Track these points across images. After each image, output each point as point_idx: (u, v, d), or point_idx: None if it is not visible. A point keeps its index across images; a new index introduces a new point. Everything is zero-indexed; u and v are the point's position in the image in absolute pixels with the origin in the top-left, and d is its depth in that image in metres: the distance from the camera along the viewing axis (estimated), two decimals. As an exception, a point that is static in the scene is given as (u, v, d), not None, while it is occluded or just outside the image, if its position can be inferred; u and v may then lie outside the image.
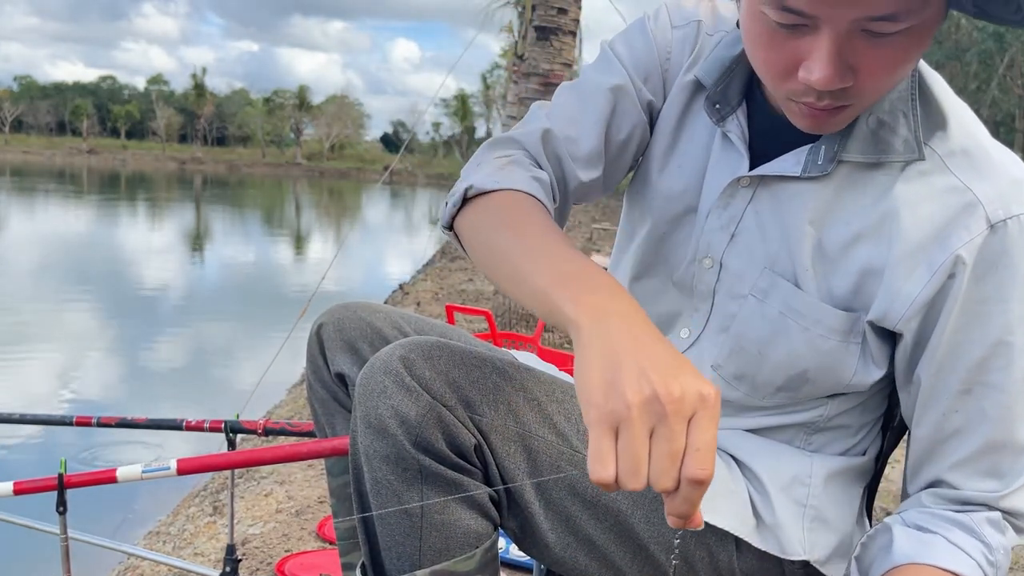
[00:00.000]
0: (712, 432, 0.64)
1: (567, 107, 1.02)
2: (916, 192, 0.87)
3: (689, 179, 1.00)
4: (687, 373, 0.65)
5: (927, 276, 0.86)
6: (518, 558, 2.32)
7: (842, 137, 0.89)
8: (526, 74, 5.87)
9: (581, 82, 1.04)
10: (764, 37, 0.80)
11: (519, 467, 0.90)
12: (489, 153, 1.01)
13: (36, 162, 74.36)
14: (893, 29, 0.74)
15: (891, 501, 2.78)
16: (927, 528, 0.88)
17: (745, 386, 0.98)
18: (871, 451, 1.04)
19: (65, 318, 9.00)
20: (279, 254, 17.04)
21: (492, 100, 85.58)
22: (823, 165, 0.89)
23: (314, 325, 1.18)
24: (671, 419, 0.62)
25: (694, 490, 0.63)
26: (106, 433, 4.89)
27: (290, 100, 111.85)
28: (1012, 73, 27.30)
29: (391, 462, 0.85)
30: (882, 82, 0.80)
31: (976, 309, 0.85)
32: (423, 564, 0.87)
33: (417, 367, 0.85)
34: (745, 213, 0.95)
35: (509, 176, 0.93)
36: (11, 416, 1.93)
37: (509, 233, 0.84)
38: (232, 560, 1.88)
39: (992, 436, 0.87)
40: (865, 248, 0.89)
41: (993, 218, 0.84)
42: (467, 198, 0.93)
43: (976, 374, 0.86)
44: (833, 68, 0.76)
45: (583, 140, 1.00)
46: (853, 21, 0.74)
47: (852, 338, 0.91)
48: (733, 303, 0.96)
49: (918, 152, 0.87)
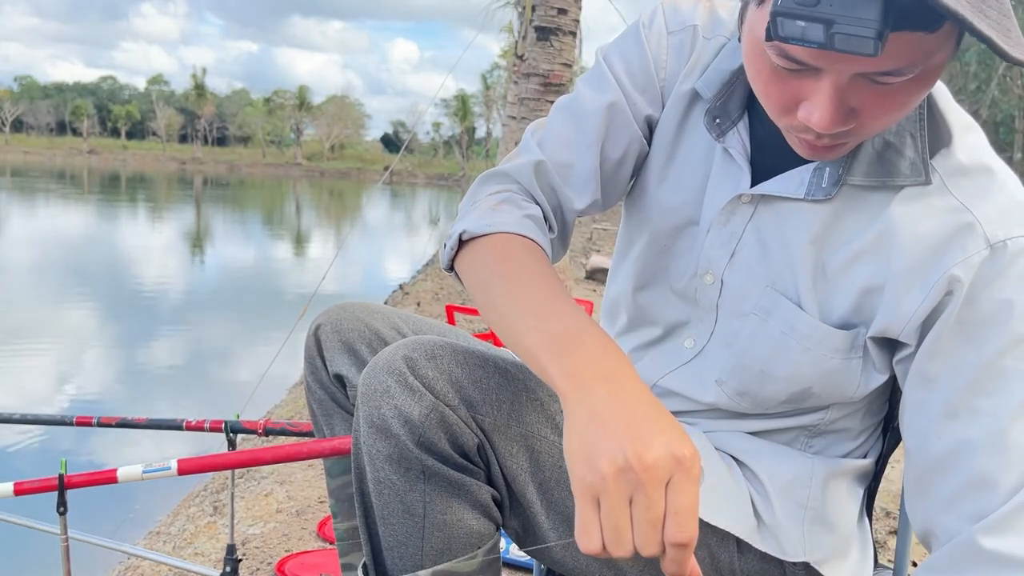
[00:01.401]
0: (690, 494, 0.65)
1: (561, 132, 1.01)
2: (915, 211, 0.85)
3: (688, 192, 0.99)
4: (664, 436, 0.66)
5: (923, 295, 0.84)
6: (518, 558, 2.32)
7: (847, 159, 0.87)
8: (526, 74, 5.87)
9: (575, 101, 1.02)
10: (765, 73, 0.79)
11: (521, 467, 0.90)
12: (483, 189, 1.01)
13: (36, 162, 74.37)
14: (898, 80, 0.72)
15: (891, 501, 2.77)
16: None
17: (748, 401, 0.98)
18: (872, 453, 1.04)
19: (65, 318, 9.00)
20: (279, 254, 17.04)
21: (492, 100, 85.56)
22: (827, 188, 0.88)
23: (312, 326, 1.18)
24: (646, 487, 0.64)
25: (679, 552, 0.65)
26: (106, 433, 4.89)
27: (290, 100, 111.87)
28: (1012, 73, 27.30)
29: (394, 462, 0.85)
30: (885, 122, 0.78)
31: (970, 330, 0.82)
32: (425, 564, 0.87)
33: (420, 367, 0.85)
34: (746, 230, 0.94)
35: (501, 218, 0.93)
36: (11, 416, 1.93)
37: (500, 284, 0.85)
38: (232, 560, 1.88)
39: (980, 470, 0.79)
40: (865, 266, 0.88)
41: (992, 238, 0.81)
42: (463, 240, 0.94)
43: (965, 397, 0.81)
44: (834, 112, 0.74)
45: (578, 164, 0.99)
46: (855, 74, 0.72)
47: (853, 354, 0.91)
48: (736, 321, 0.96)
49: (925, 176, 0.85)
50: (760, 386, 0.95)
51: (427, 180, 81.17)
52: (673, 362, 1.02)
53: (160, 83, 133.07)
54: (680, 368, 1.02)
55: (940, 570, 0.80)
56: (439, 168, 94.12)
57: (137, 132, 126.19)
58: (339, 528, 1.26)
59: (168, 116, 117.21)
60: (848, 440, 1.01)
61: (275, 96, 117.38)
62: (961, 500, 0.80)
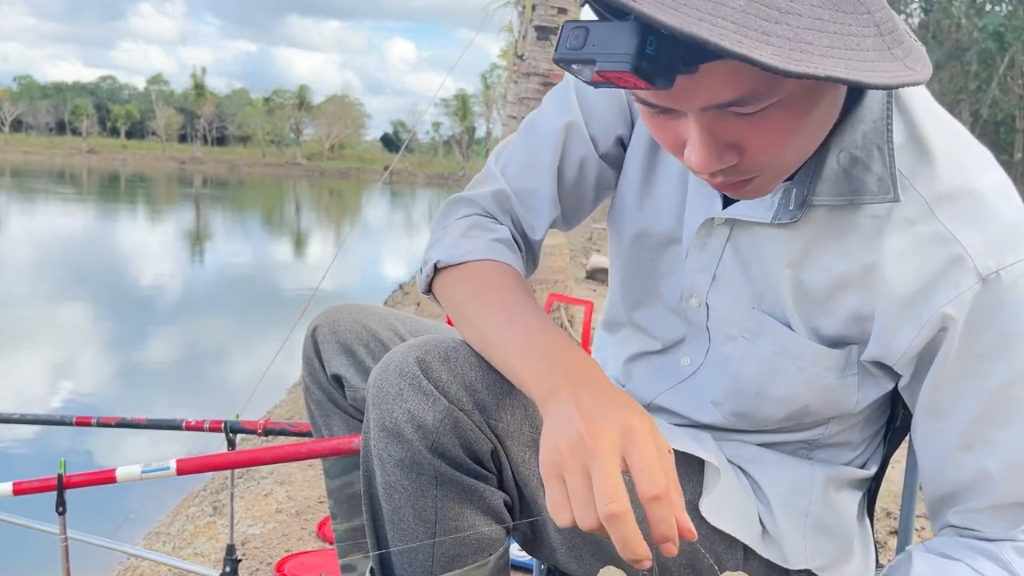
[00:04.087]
0: (646, 451, 0.70)
1: (522, 155, 1.03)
2: (901, 243, 0.82)
3: (667, 210, 0.97)
4: (613, 410, 0.72)
5: (915, 331, 0.82)
6: (518, 558, 2.32)
7: (812, 178, 0.82)
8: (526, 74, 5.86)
9: (536, 122, 1.03)
10: (647, 119, 0.77)
11: (533, 472, 0.89)
12: (451, 214, 1.03)
13: (36, 162, 74.33)
14: (754, 109, 0.69)
15: (891, 501, 2.77)
16: (950, 555, 0.85)
17: (745, 421, 0.97)
18: (873, 460, 1.03)
19: (65, 318, 8.99)
20: (279, 254, 17.03)
21: (492, 100, 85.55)
22: (793, 211, 0.84)
23: (309, 328, 1.18)
24: (597, 455, 0.69)
25: (657, 509, 0.68)
26: (105, 433, 4.89)
27: (290, 100, 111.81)
28: (1012, 73, 27.28)
29: (405, 467, 0.84)
30: (776, 154, 0.74)
31: (974, 363, 0.81)
32: (435, 571, 0.86)
33: (434, 370, 0.84)
34: (724, 252, 0.92)
35: (472, 245, 0.96)
36: (11, 416, 1.92)
37: (475, 307, 0.89)
38: (232, 560, 1.88)
39: (1002, 498, 0.84)
40: (851, 297, 0.85)
41: (984, 271, 0.78)
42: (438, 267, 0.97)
43: (979, 429, 0.82)
44: (707, 151, 0.72)
45: (539, 190, 1.01)
46: (704, 109, 0.70)
47: (848, 372, 0.89)
48: (725, 345, 0.94)
49: (893, 192, 0.80)
50: (756, 407, 0.94)
51: (427, 180, 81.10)
52: (669, 380, 1.01)
53: (159, 83, 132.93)
54: (677, 387, 1.01)
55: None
56: (439, 168, 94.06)
57: (137, 132, 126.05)
58: (338, 529, 1.25)
59: (168, 116, 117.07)
60: (848, 451, 1.01)
61: (275, 96, 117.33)
62: (990, 515, 0.85)
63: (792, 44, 0.61)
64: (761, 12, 0.61)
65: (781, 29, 0.61)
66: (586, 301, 4.01)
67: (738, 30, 0.60)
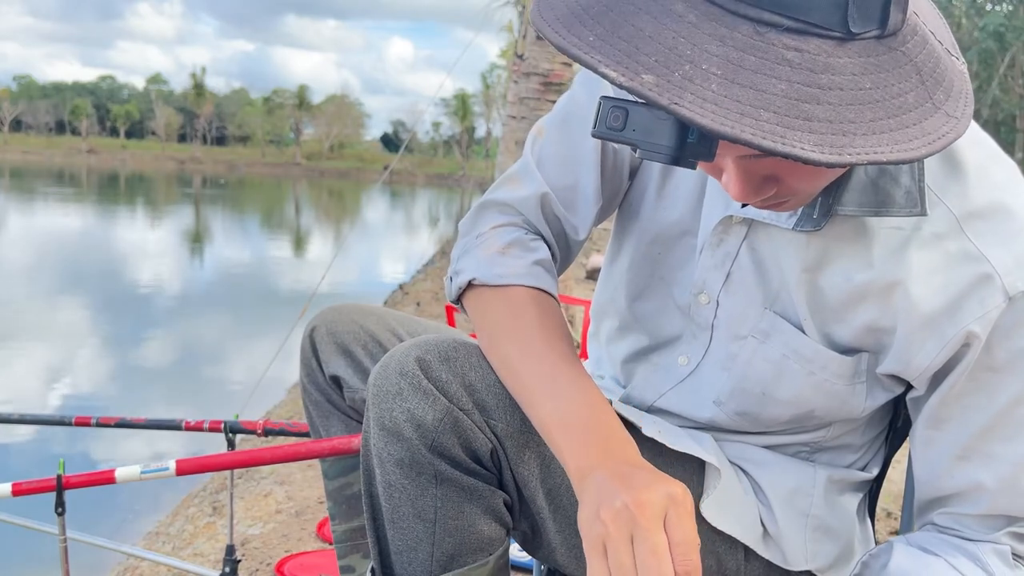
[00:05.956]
0: (687, 526, 0.70)
1: (559, 152, 0.99)
2: (928, 259, 0.81)
3: (684, 203, 0.96)
4: (656, 481, 0.71)
5: (937, 348, 0.82)
6: (518, 558, 2.31)
7: (838, 188, 0.81)
8: (526, 73, 5.86)
9: (570, 107, 1.00)
10: None
11: (532, 473, 0.89)
12: (485, 219, 1.00)
13: (36, 162, 74.35)
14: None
15: (892, 501, 2.77)
16: (930, 550, 0.86)
17: (748, 421, 0.96)
18: (875, 463, 1.03)
19: (65, 318, 8.99)
20: (279, 254, 17.04)
21: (492, 100, 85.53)
22: (817, 220, 0.83)
23: (307, 328, 1.18)
24: (642, 523, 0.68)
25: None
26: (105, 433, 4.89)
27: (289, 100, 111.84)
28: (1013, 73, 27.31)
29: (405, 466, 0.84)
30: (812, 183, 0.75)
31: (985, 377, 0.82)
32: (435, 571, 0.86)
33: (434, 369, 0.84)
34: (740, 251, 0.91)
35: (511, 267, 0.92)
36: (10, 416, 1.92)
37: (513, 346, 0.86)
38: (231, 560, 1.88)
39: (991, 509, 0.85)
40: (870, 309, 0.85)
41: (1011, 290, 0.79)
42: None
43: (979, 442, 0.83)
44: (744, 184, 0.72)
45: (580, 184, 0.98)
46: (741, 157, 0.70)
47: (857, 379, 0.89)
48: (733, 344, 0.93)
49: (920, 206, 0.80)
50: (761, 408, 0.94)
51: (427, 180, 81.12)
52: (668, 381, 1.00)
53: (159, 82, 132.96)
54: (676, 387, 1.00)
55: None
56: (439, 168, 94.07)
57: (136, 131, 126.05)
58: (337, 530, 1.25)
59: (167, 116, 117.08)
60: (850, 453, 1.00)
61: (274, 96, 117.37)
62: (978, 522, 0.86)
63: (834, 127, 0.60)
64: (803, 94, 0.61)
65: (823, 111, 0.60)
66: (586, 301, 4.00)
67: (780, 120, 0.60)
